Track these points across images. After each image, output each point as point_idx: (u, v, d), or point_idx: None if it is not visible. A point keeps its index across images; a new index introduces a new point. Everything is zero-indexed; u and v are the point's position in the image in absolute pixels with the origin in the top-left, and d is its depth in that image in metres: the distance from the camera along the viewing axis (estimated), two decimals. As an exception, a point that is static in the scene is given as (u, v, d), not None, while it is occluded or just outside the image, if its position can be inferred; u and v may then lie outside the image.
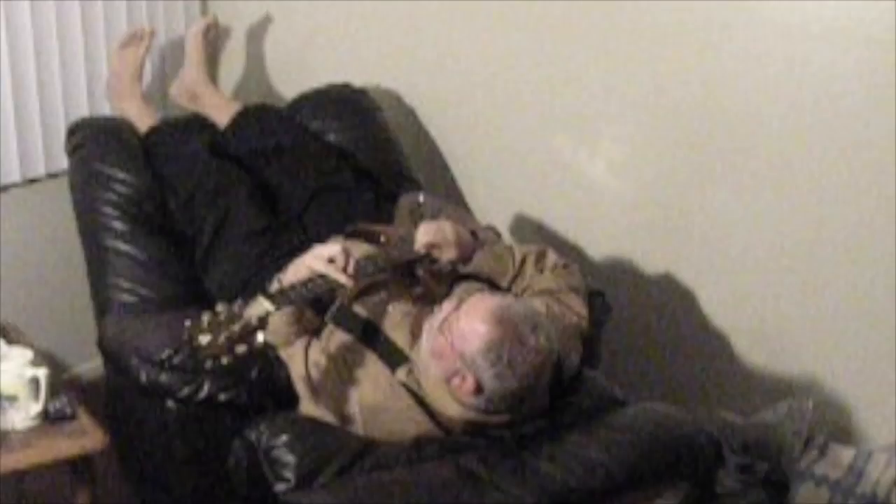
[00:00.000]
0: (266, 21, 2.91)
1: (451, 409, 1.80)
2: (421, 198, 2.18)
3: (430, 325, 1.81)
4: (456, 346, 1.75)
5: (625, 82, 2.39)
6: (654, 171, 2.42)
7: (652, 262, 2.46)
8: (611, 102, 2.42)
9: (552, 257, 2.06)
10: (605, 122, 2.46)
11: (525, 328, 1.74)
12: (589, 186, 2.50)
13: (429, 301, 1.93)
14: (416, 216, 2.11)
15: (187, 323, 1.57)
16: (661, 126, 2.37)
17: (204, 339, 1.56)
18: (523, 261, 2.04)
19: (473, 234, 2.05)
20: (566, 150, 2.51)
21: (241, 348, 1.58)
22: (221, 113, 2.58)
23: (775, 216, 2.26)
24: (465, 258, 2.00)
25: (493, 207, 2.65)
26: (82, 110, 2.69)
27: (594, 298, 2.10)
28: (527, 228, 2.59)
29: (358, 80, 2.70)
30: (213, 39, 2.86)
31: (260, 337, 1.61)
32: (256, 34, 2.93)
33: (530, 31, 2.50)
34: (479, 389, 1.75)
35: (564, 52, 2.46)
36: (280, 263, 2.06)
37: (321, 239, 2.07)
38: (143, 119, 2.54)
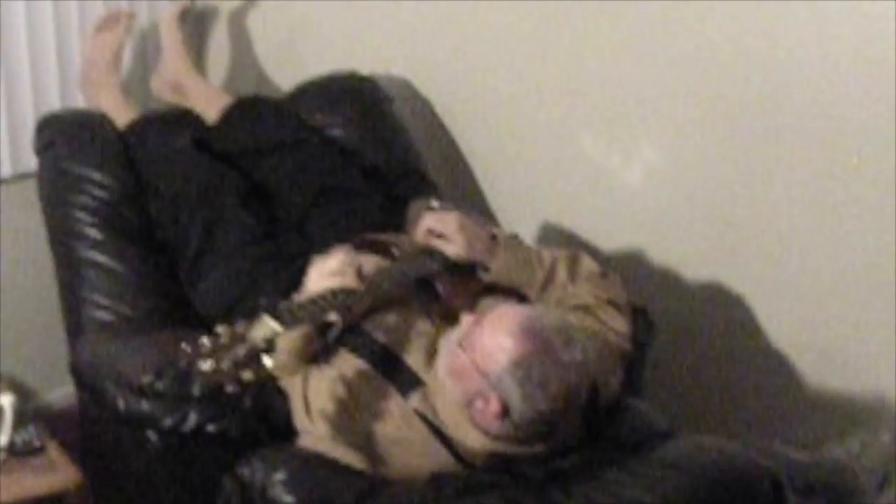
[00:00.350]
0: (259, 1, 2.92)
1: (473, 438, 1.80)
2: (433, 202, 2.19)
3: (448, 340, 1.82)
4: (478, 364, 1.74)
5: (666, 71, 2.37)
6: (700, 172, 2.40)
7: (700, 274, 2.45)
8: (650, 92, 2.41)
9: (587, 263, 2.06)
10: (644, 115, 2.44)
11: (557, 342, 1.74)
12: (625, 188, 2.49)
13: (449, 320, 1.94)
14: None
15: (185, 347, 1.56)
16: (707, 120, 2.35)
17: (205, 364, 1.54)
18: (553, 266, 2.04)
19: (493, 237, 2.05)
20: (599, 146, 2.51)
21: (247, 375, 1.57)
22: (210, 106, 2.60)
23: (842, 218, 2.23)
24: (477, 258, 2.00)
25: (517, 212, 2.65)
26: (53, 103, 2.71)
27: (637, 315, 2.10)
28: (556, 236, 2.58)
29: (365, 68, 2.71)
30: (194, 24, 2.87)
31: (268, 361, 1.59)
32: (249, 16, 2.94)
33: (559, 14, 2.49)
34: (504, 413, 1.75)
35: (598, 37, 2.45)
36: (278, 275, 2.07)
37: (325, 247, 2.07)
38: (121, 113, 2.56)
